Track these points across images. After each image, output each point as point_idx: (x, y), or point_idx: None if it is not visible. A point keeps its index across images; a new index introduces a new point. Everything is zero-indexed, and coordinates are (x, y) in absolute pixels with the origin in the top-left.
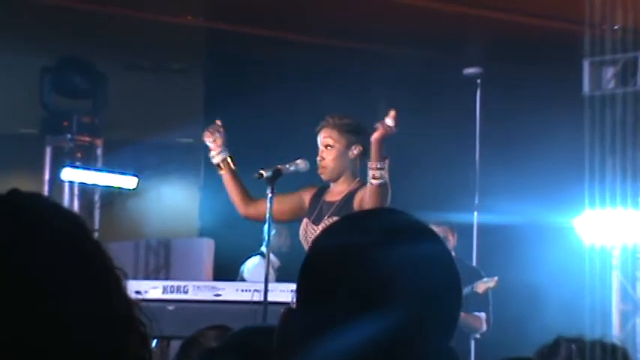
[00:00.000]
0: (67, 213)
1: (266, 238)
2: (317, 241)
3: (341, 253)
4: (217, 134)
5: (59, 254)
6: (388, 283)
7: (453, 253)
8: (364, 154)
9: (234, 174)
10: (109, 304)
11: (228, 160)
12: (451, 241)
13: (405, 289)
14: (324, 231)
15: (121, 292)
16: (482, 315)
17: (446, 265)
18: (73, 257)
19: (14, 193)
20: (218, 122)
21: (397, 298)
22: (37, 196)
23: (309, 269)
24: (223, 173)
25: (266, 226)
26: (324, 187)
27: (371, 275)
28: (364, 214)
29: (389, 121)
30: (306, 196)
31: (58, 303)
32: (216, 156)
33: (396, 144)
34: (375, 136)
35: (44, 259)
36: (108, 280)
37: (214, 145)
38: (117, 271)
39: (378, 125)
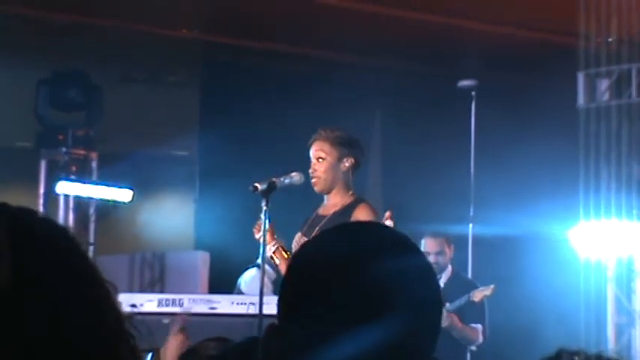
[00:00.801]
0: (58, 227)
1: (261, 251)
2: (302, 252)
3: (329, 264)
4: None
5: (50, 267)
6: (378, 296)
7: (450, 266)
8: (356, 167)
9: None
10: (100, 317)
11: (281, 250)
12: (448, 254)
13: (394, 302)
14: (310, 242)
15: (112, 305)
16: (479, 327)
17: (430, 279)
18: (64, 270)
19: (3, 207)
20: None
21: (387, 310)
22: (27, 211)
23: (293, 281)
24: (279, 263)
25: (260, 239)
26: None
27: (361, 288)
28: (351, 226)
29: (388, 223)
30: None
31: (52, 314)
32: (269, 249)
33: (390, 156)
34: None
35: (37, 271)
36: (98, 294)
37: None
38: (107, 284)
39: None
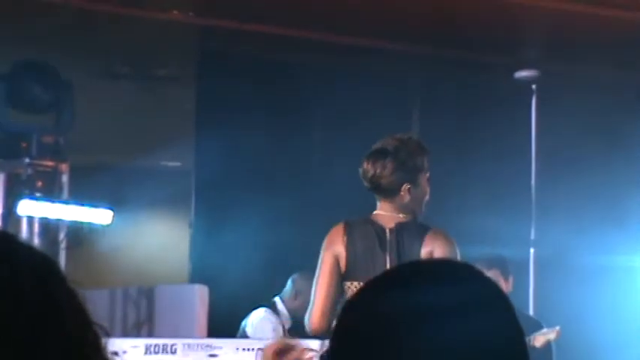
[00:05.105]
0: (40, 256)
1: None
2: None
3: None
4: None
5: (27, 302)
6: (382, 336)
7: None
8: None
9: None
10: None
11: None
12: (504, 287)
13: (400, 345)
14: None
15: (98, 351)
16: None
17: (475, 312)
18: (43, 307)
19: None
20: None
21: (396, 353)
22: (5, 235)
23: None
24: None
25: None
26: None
27: (364, 327)
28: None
29: None
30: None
31: (24, 356)
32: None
33: (436, 164)
34: None
35: (9, 304)
36: (82, 336)
37: None
38: (95, 327)
39: None
